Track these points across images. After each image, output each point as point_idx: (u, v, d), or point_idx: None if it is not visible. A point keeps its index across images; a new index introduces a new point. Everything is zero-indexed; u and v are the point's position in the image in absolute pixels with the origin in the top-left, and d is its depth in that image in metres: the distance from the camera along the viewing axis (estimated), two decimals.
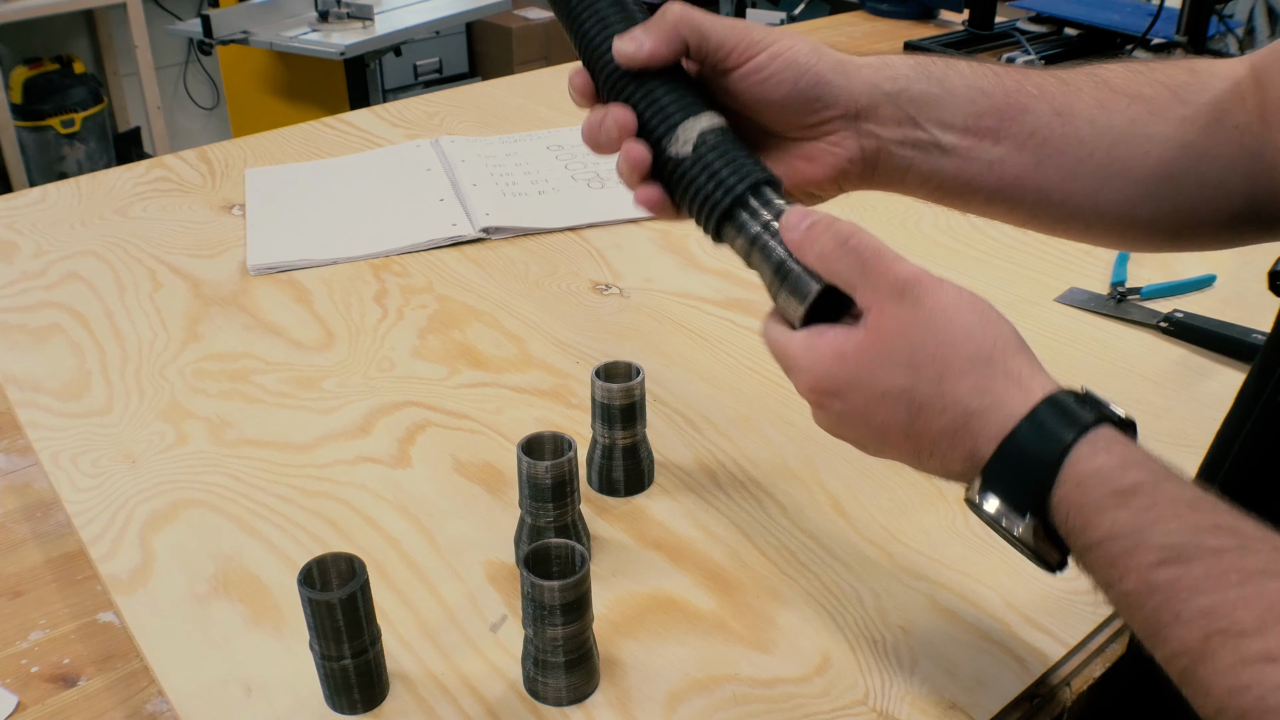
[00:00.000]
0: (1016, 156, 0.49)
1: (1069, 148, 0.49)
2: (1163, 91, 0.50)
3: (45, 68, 2.85)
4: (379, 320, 0.82)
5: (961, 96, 0.49)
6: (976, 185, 0.49)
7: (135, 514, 0.62)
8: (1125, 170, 0.49)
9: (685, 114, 0.47)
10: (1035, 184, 0.49)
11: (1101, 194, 0.49)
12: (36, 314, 0.83)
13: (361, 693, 0.50)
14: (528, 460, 0.54)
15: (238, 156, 1.12)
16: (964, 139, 0.49)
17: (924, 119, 0.49)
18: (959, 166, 0.49)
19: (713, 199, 0.47)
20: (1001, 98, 0.49)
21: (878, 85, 0.48)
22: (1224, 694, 0.32)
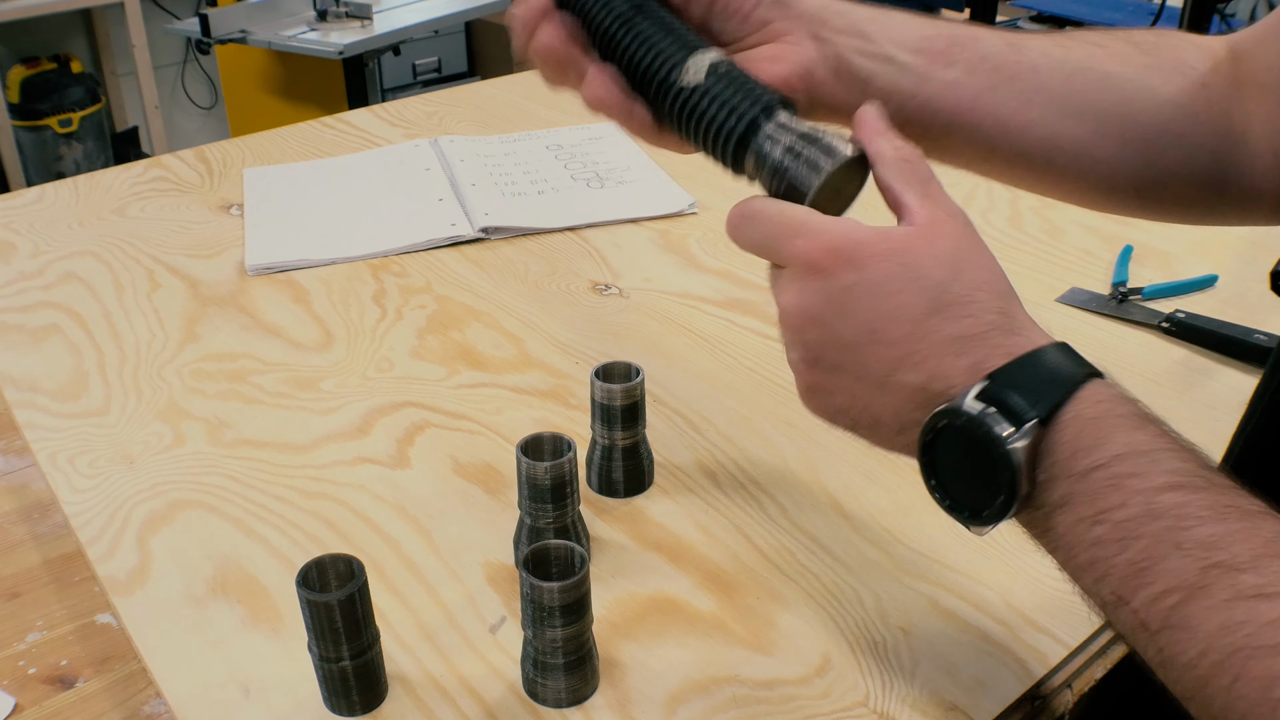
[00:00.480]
0: (970, 79, 0.48)
1: (1023, 74, 0.48)
2: (1123, 44, 0.50)
3: (43, 67, 2.85)
4: (378, 320, 0.82)
5: (909, 22, 0.49)
6: (935, 107, 0.48)
7: (133, 515, 0.62)
8: (1084, 101, 0.48)
9: (689, 49, 0.46)
10: (992, 109, 0.48)
11: (1061, 125, 0.48)
12: (34, 314, 0.83)
13: (360, 694, 0.50)
14: (527, 461, 0.54)
15: (236, 156, 1.12)
16: (917, 58, 0.48)
17: (875, 35, 0.48)
18: (916, 84, 0.48)
19: (725, 126, 0.45)
20: (949, 29, 0.49)
21: (824, 2, 0.48)
22: (1214, 631, 0.31)
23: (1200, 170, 0.49)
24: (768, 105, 0.45)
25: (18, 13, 2.60)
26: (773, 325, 0.80)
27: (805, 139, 0.44)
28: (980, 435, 0.36)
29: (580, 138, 1.15)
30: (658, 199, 1.00)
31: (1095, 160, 0.49)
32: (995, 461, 0.35)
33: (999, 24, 1.53)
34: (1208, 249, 0.90)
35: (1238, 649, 0.30)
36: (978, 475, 0.36)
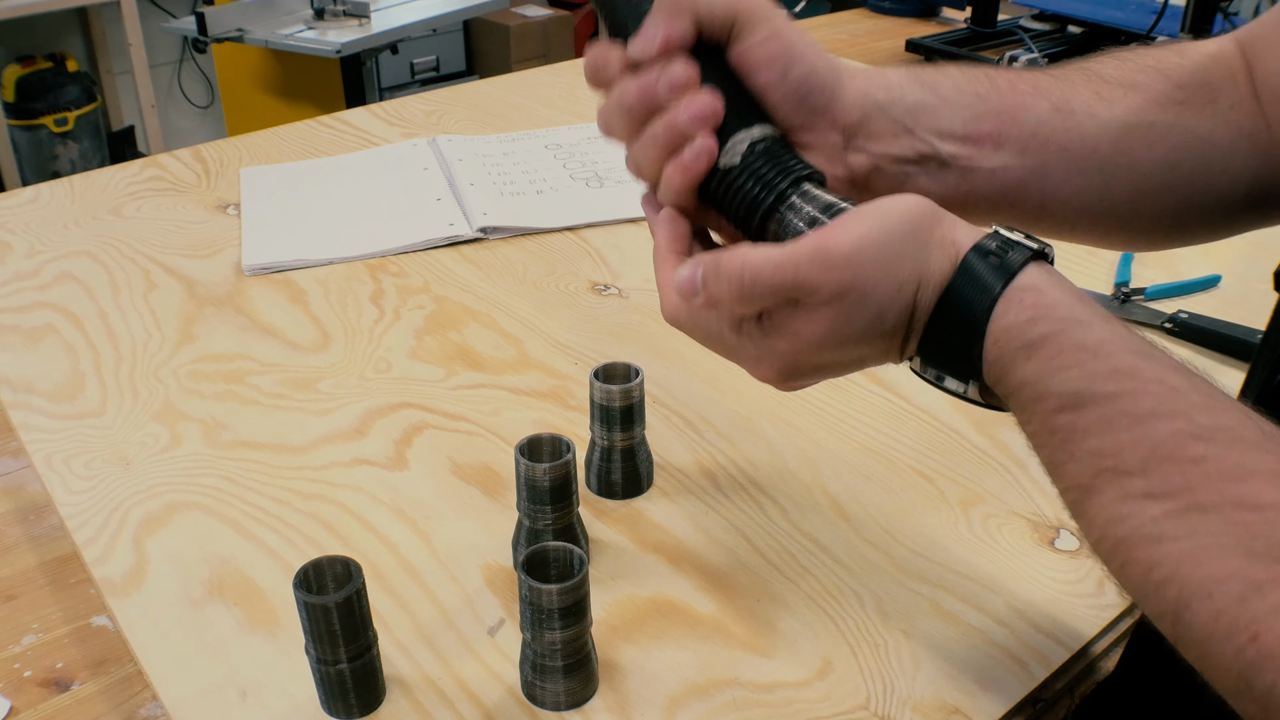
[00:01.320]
0: (1019, 161, 0.48)
1: (1072, 144, 0.48)
2: (1157, 78, 0.49)
3: (38, 66, 2.84)
4: (375, 321, 0.81)
5: (957, 102, 0.47)
6: (979, 195, 0.48)
7: (129, 517, 0.62)
8: (1131, 164, 0.48)
9: (737, 123, 0.44)
10: (1039, 187, 0.48)
11: (1108, 189, 0.49)
12: (29, 315, 0.83)
13: (358, 697, 0.49)
14: (526, 462, 0.54)
15: (233, 155, 1.11)
16: (964, 147, 0.47)
17: (920, 129, 0.47)
18: (959, 178, 0.48)
19: (758, 199, 0.44)
20: (997, 100, 0.48)
21: (870, 94, 0.46)
22: (1104, 524, 0.36)
23: (1240, 194, 0.49)
24: (797, 178, 0.44)
25: (13, 11, 2.59)
26: None
27: (828, 209, 0.43)
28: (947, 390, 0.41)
29: (579, 137, 1.15)
30: None
31: (1139, 213, 0.50)
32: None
33: (1001, 23, 1.53)
34: (1211, 249, 0.90)
35: (1123, 539, 0.35)
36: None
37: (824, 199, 0.43)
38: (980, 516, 0.61)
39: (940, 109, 0.47)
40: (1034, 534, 0.60)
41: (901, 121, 0.46)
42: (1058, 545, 0.59)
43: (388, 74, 3.23)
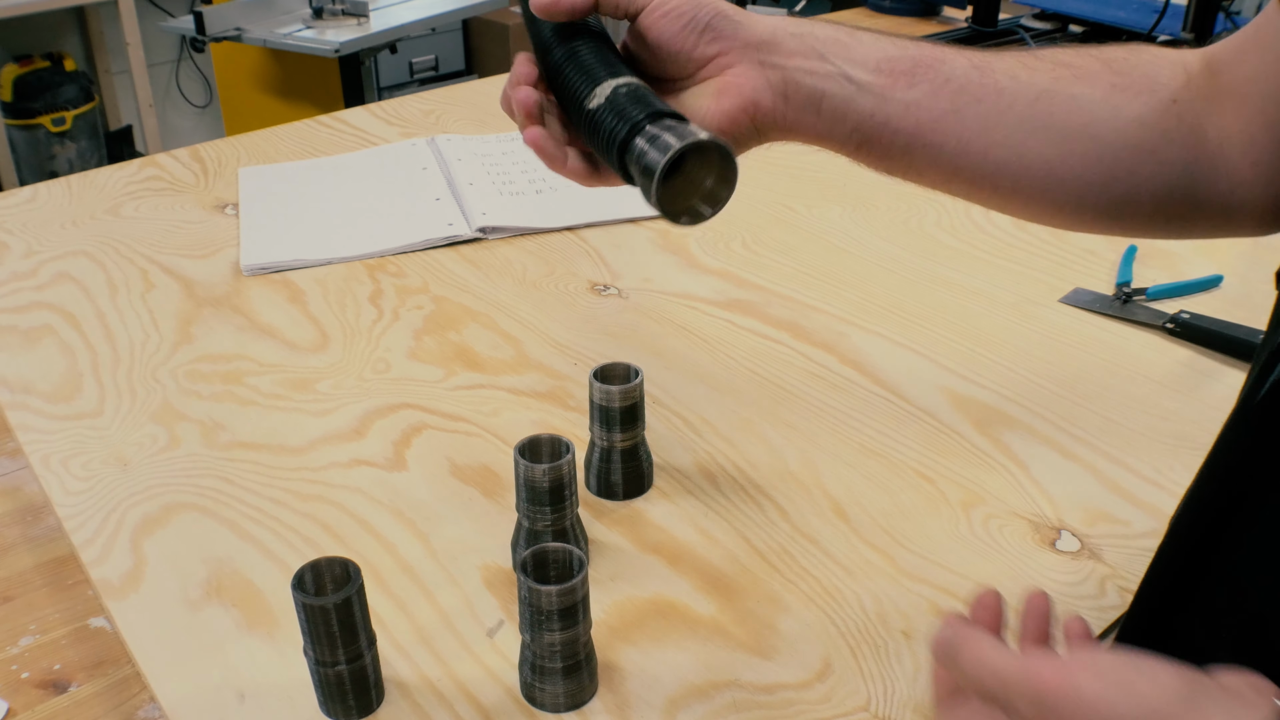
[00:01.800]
0: (933, 101, 0.48)
1: (987, 96, 0.48)
2: (1093, 61, 0.49)
3: (36, 65, 2.83)
4: (374, 321, 0.81)
5: (872, 45, 0.49)
6: (895, 126, 0.48)
7: (127, 518, 0.62)
8: (1049, 123, 0.48)
9: (605, 73, 0.48)
10: (955, 131, 0.48)
11: (1026, 147, 0.48)
12: (27, 315, 0.82)
13: (356, 699, 0.49)
14: (525, 463, 0.54)
15: (231, 155, 1.11)
16: (877, 77, 0.48)
17: (832, 55, 0.48)
18: (875, 104, 0.48)
19: (615, 131, 0.46)
20: (915, 51, 0.49)
21: (781, 25, 0.48)
22: None
23: (1171, 186, 0.49)
24: (654, 113, 0.45)
25: (10, 10, 2.59)
26: (773, 326, 0.80)
27: (670, 130, 0.44)
28: None
29: None
30: None
31: (1062, 180, 0.49)
32: None
33: (1002, 22, 1.53)
34: (1213, 249, 0.90)
35: None
36: None
37: (682, 128, 0.44)
38: (981, 518, 0.61)
39: (853, 45, 0.49)
40: (1035, 535, 0.60)
41: (812, 46, 0.48)
42: (1059, 546, 0.59)
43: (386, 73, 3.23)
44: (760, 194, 1.01)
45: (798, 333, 0.79)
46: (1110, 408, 0.70)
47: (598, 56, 0.49)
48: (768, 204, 0.99)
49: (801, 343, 0.78)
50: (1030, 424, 0.69)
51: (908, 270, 0.88)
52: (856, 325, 0.80)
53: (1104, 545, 0.59)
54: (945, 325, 0.79)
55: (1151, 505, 0.62)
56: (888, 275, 0.87)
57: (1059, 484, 0.63)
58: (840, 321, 0.80)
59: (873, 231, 0.94)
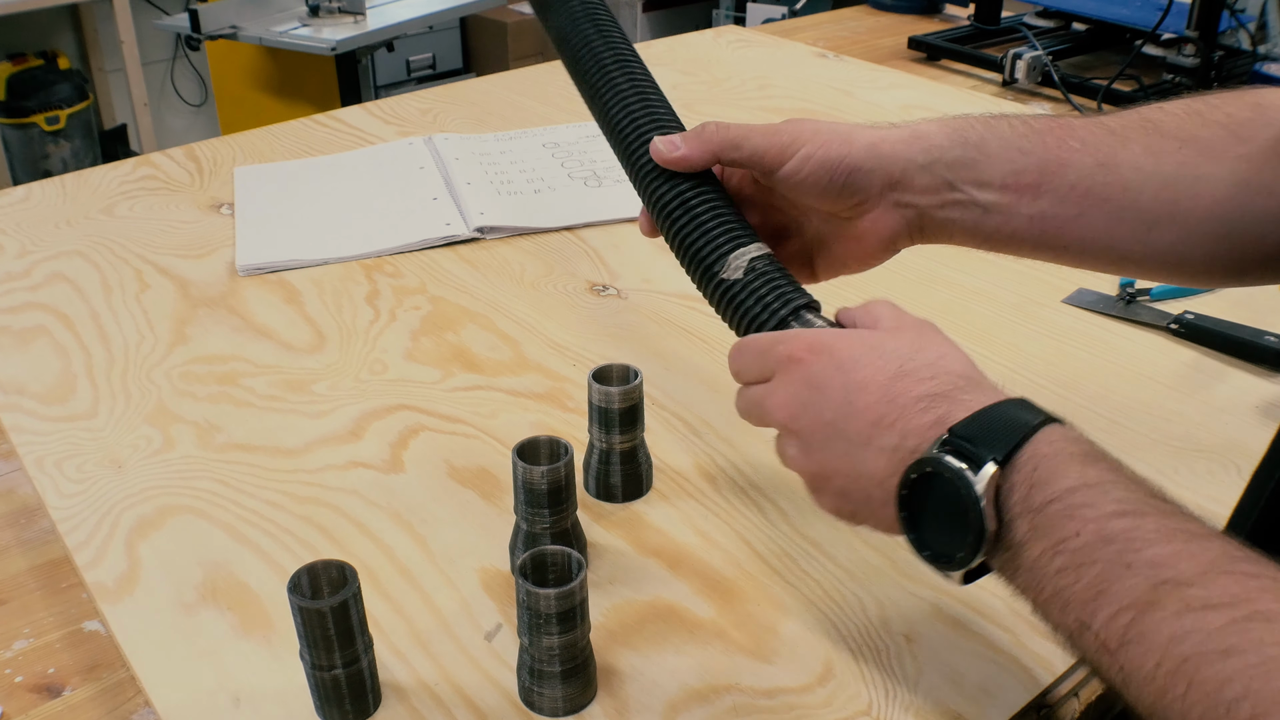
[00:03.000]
0: (1058, 209, 0.50)
1: (1113, 195, 0.50)
2: (1219, 132, 0.50)
3: (29, 63, 2.82)
4: (371, 322, 0.81)
5: (999, 157, 0.51)
6: (1020, 237, 0.52)
7: (121, 520, 0.61)
8: (1174, 213, 0.50)
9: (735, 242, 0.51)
10: (1078, 234, 0.51)
11: (1151, 236, 0.50)
12: (20, 315, 0.82)
13: (353, 703, 0.49)
14: (523, 465, 0.54)
15: (226, 154, 1.11)
16: (1003, 196, 0.51)
17: (960, 182, 0.51)
18: (1000, 221, 0.51)
19: (759, 319, 0.51)
20: (1041, 154, 0.50)
21: (911, 159, 0.51)
22: (1165, 642, 0.33)
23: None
24: (797, 308, 0.50)
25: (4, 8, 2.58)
26: None
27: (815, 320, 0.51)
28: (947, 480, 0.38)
29: (578, 135, 1.14)
30: None
31: (1188, 258, 0.51)
32: (963, 502, 0.38)
33: (1005, 20, 1.53)
34: None
35: (1188, 657, 0.32)
36: (950, 519, 0.38)
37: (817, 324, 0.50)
38: None
39: (980, 163, 0.51)
40: None
41: (942, 177, 0.51)
42: None
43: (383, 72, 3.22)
44: None
45: None
46: (1114, 409, 0.70)
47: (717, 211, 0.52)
48: None
49: None
50: None
51: (909, 270, 0.87)
52: None
53: None
54: (947, 326, 0.77)
55: None
56: (889, 275, 0.86)
57: None
58: None
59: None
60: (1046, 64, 1.30)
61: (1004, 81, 1.33)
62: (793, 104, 1.22)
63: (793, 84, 1.28)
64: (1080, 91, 1.28)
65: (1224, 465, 0.65)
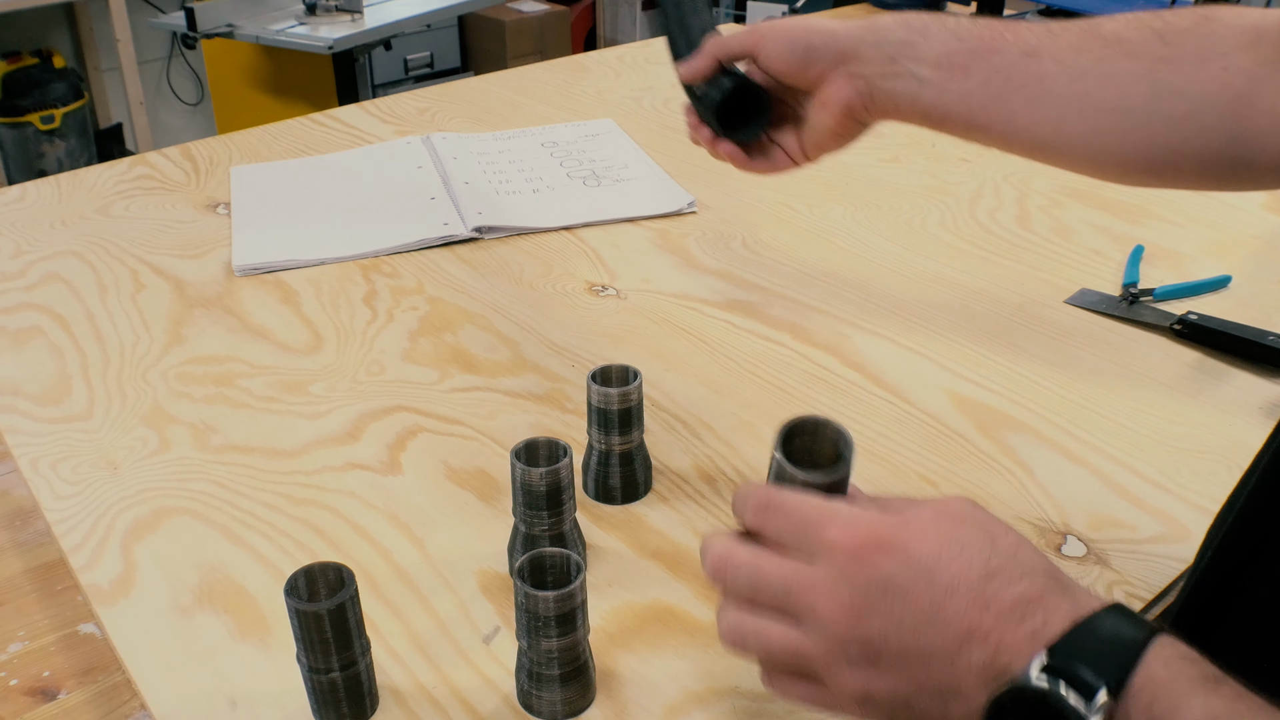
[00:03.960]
0: (981, 90, 0.57)
1: (1030, 82, 0.56)
2: (1148, 35, 0.54)
3: (24, 62, 2.82)
4: (368, 322, 0.81)
5: (937, 39, 0.58)
6: (952, 113, 0.58)
7: (117, 522, 0.61)
8: (1084, 105, 0.54)
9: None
10: (1001, 114, 0.57)
11: (1064, 124, 0.55)
12: (15, 316, 0.82)
13: (350, 706, 0.49)
14: (522, 467, 0.53)
15: (223, 154, 1.10)
16: (936, 72, 0.58)
17: (901, 58, 0.58)
18: (935, 96, 0.58)
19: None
20: (974, 41, 0.57)
21: (861, 37, 0.60)
22: None
23: (1214, 147, 0.53)
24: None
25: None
26: (774, 327, 0.79)
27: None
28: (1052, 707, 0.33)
29: (577, 135, 1.14)
30: (656, 197, 0.99)
31: (1099, 150, 0.55)
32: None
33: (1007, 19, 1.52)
34: (1221, 249, 0.90)
35: None
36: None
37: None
38: None
39: (919, 44, 0.58)
40: (1040, 539, 0.59)
41: (885, 52, 0.59)
42: (1064, 551, 0.58)
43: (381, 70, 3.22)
44: (761, 193, 1.00)
45: (799, 334, 0.78)
46: (1116, 410, 0.70)
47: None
48: (768, 203, 0.99)
49: (802, 344, 0.77)
50: (1035, 427, 0.68)
51: (910, 271, 0.87)
52: (858, 326, 0.79)
53: (1110, 550, 0.58)
54: (948, 326, 0.79)
55: (1159, 509, 0.61)
56: (890, 276, 0.86)
57: (1064, 488, 0.63)
58: (842, 323, 0.80)
59: (875, 231, 0.93)
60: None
61: None
62: None
63: None
64: None
65: (1228, 467, 0.64)
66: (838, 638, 0.37)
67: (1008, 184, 1.02)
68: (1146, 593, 0.55)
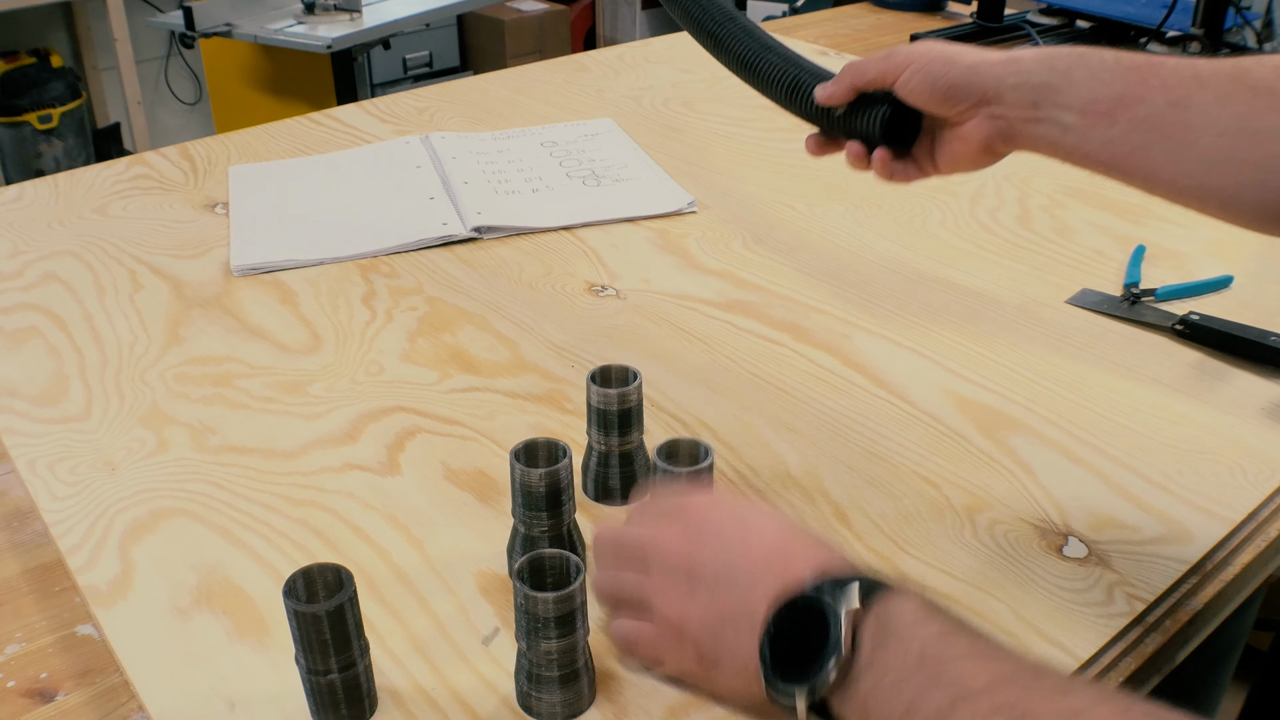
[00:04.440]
0: (1127, 138, 0.56)
1: (1176, 134, 0.55)
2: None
3: (21, 61, 2.81)
4: (367, 323, 0.80)
5: (1081, 85, 0.57)
6: (1094, 159, 0.58)
7: (115, 523, 0.61)
8: (1230, 159, 0.54)
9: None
10: (1144, 165, 0.56)
11: (1208, 178, 0.54)
12: (12, 316, 0.81)
13: (349, 708, 0.49)
14: (521, 468, 0.53)
15: (221, 153, 1.10)
16: (1081, 119, 0.57)
17: (1044, 103, 0.58)
18: (1078, 141, 0.57)
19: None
20: (1120, 88, 0.56)
21: (1003, 79, 0.59)
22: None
23: None
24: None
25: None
26: (774, 327, 0.79)
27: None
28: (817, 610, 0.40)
29: (576, 134, 1.14)
30: (656, 197, 0.99)
31: (1242, 201, 0.55)
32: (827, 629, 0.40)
33: (1008, 17, 1.52)
34: (1223, 249, 0.89)
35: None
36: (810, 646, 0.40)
37: None
38: (986, 523, 0.60)
39: (1064, 89, 0.57)
40: (1041, 541, 0.59)
41: (1028, 97, 0.59)
42: (1065, 553, 0.58)
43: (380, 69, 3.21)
44: (761, 193, 1.00)
45: (799, 334, 0.78)
46: (1118, 411, 0.69)
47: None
48: (769, 203, 0.98)
49: (803, 344, 0.77)
50: (1036, 427, 0.68)
51: (911, 271, 0.87)
52: (859, 327, 0.79)
53: (1112, 551, 0.58)
54: (949, 327, 0.79)
55: (1160, 510, 0.61)
56: (891, 276, 0.86)
57: (1065, 489, 0.63)
58: (842, 323, 0.80)
59: (876, 231, 0.93)
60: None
61: None
62: None
63: None
64: None
65: (1229, 468, 0.64)
66: (671, 567, 0.45)
67: (1009, 183, 1.01)
68: (1148, 594, 0.55)
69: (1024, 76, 0.59)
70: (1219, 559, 0.59)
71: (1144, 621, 0.55)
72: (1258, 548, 0.60)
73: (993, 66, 0.60)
